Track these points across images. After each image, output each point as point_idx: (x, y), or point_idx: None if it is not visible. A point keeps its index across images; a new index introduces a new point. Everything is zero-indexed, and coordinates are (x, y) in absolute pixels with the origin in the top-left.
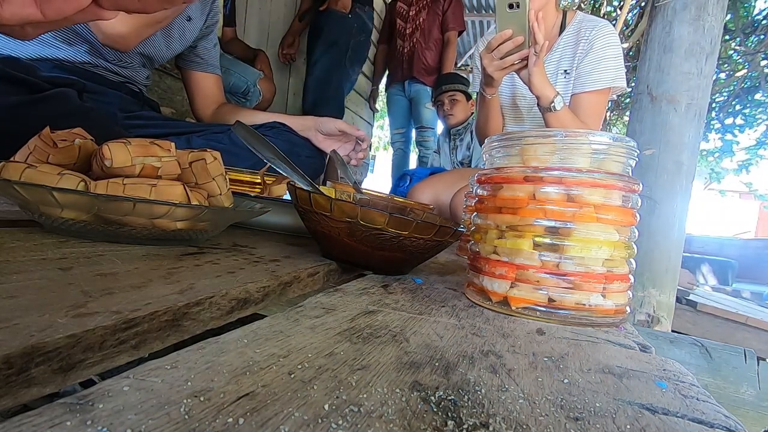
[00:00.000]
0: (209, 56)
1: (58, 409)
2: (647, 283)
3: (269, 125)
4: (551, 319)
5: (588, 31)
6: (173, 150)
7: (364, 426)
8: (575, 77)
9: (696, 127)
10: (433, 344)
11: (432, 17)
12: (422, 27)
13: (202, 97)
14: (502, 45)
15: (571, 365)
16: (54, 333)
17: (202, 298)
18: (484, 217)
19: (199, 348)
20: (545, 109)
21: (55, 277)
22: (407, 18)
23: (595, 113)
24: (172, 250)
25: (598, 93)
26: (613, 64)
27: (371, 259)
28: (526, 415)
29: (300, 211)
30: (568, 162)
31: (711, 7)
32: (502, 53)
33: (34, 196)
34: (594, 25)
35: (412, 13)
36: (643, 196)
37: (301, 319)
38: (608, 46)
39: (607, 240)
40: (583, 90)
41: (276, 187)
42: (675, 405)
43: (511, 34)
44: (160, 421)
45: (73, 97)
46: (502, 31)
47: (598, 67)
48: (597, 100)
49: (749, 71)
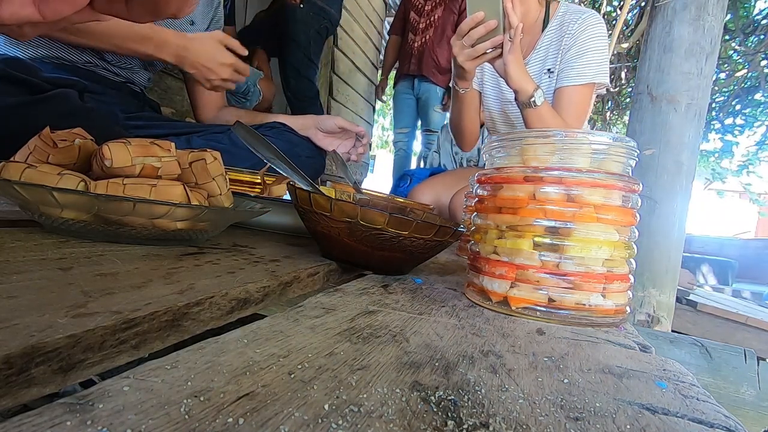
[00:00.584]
0: None
1: (58, 409)
2: (647, 283)
3: (269, 125)
4: (551, 319)
5: (572, 24)
6: (173, 150)
7: (364, 426)
8: (557, 71)
9: (696, 127)
10: (433, 344)
11: (447, 15)
12: (436, 24)
13: (204, 102)
14: (472, 30)
15: (571, 365)
16: (54, 333)
17: (202, 298)
18: (484, 217)
19: (199, 348)
20: (524, 104)
21: (55, 277)
22: (422, 12)
23: (578, 109)
24: (172, 250)
25: (581, 88)
26: (596, 58)
27: (371, 259)
28: (526, 415)
29: (300, 211)
30: (568, 162)
31: (711, 7)
32: (472, 39)
33: (34, 196)
34: (578, 17)
35: (428, 8)
36: (643, 196)
37: (301, 319)
38: (592, 38)
39: (607, 240)
40: (563, 84)
41: (276, 187)
42: (675, 405)
43: (482, 17)
44: (160, 421)
45: (73, 98)
46: (473, 14)
47: (580, 60)
48: (579, 96)
49: (749, 71)
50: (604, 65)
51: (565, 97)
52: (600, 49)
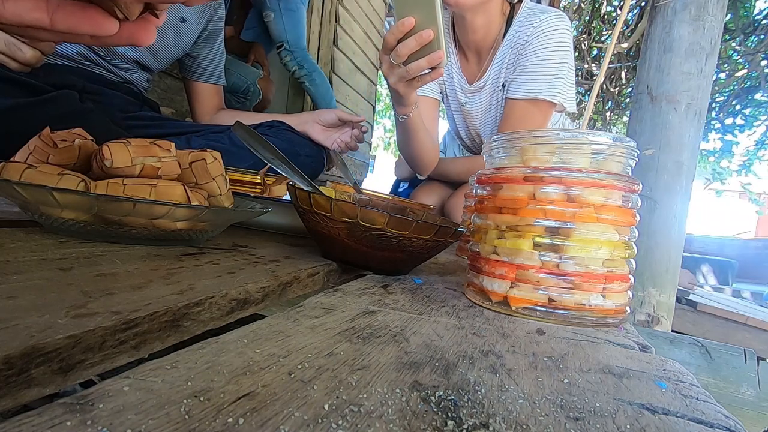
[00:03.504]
0: (212, 66)
1: (58, 409)
2: (647, 283)
3: (268, 124)
4: (551, 319)
5: (528, 28)
6: (173, 150)
7: (364, 426)
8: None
9: (696, 127)
10: (433, 344)
11: None
12: None
13: (202, 105)
14: (401, 44)
15: (571, 365)
16: (54, 333)
17: (202, 299)
18: (484, 217)
19: (199, 348)
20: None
21: (55, 277)
22: None
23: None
24: (172, 251)
25: (524, 103)
26: (544, 72)
27: (371, 260)
28: (526, 415)
29: (300, 212)
30: (568, 162)
31: (711, 7)
32: (402, 57)
33: (34, 197)
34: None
35: None
36: (643, 196)
37: (301, 319)
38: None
39: (607, 240)
40: (507, 95)
41: (276, 188)
42: (675, 405)
43: (413, 24)
44: (160, 421)
45: (74, 99)
46: (401, 18)
47: (527, 73)
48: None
49: (749, 71)
50: (554, 82)
51: (507, 109)
52: (551, 62)
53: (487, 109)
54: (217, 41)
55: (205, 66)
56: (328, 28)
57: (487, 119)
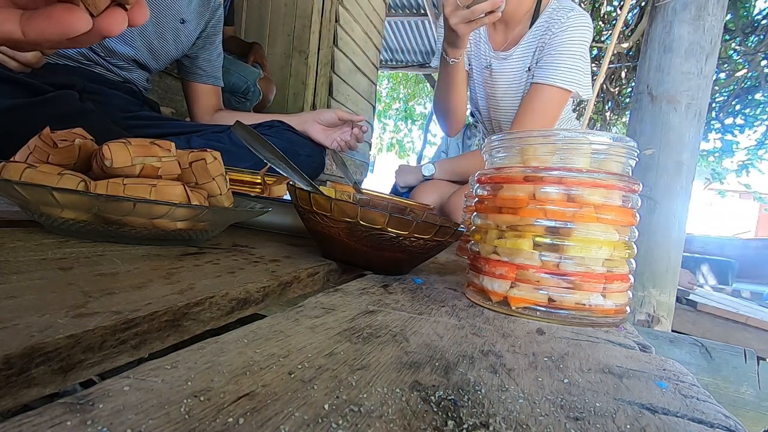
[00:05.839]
0: (211, 68)
1: (58, 409)
2: (647, 283)
3: (268, 124)
4: (551, 319)
5: (557, 23)
6: (173, 150)
7: (364, 426)
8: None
9: (696, 127)
10: (433, 344)
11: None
12: None
13: (200, 105)
14: None
15: (571, 365)
16: (54, 333)
17: (202, 299)
18: (484, 217)
19: (199, 348)
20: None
21: (55, 277)
22: None
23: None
24: (172, 250)
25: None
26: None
27: (371, 259)
28: (526, 415)
29: (300, 211)
30: (568, 162)
31: (711, 7)
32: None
33: (34, 196)
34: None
35: None
36: (643, 196)
37: (301, 319)
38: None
39: (607, 240)
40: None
41: (276, 187)
42: (675, 405)
43: None
44: (160, 421)
45: (74, 99)
46: None
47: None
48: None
49: (749, 71)
50: (573, 72)
51: (531, 93)
52: (574, 54)
53: (510, 82)
54: (215, 42)
55: (204, 67)
56: (328, 28)
57: (508, 92)
